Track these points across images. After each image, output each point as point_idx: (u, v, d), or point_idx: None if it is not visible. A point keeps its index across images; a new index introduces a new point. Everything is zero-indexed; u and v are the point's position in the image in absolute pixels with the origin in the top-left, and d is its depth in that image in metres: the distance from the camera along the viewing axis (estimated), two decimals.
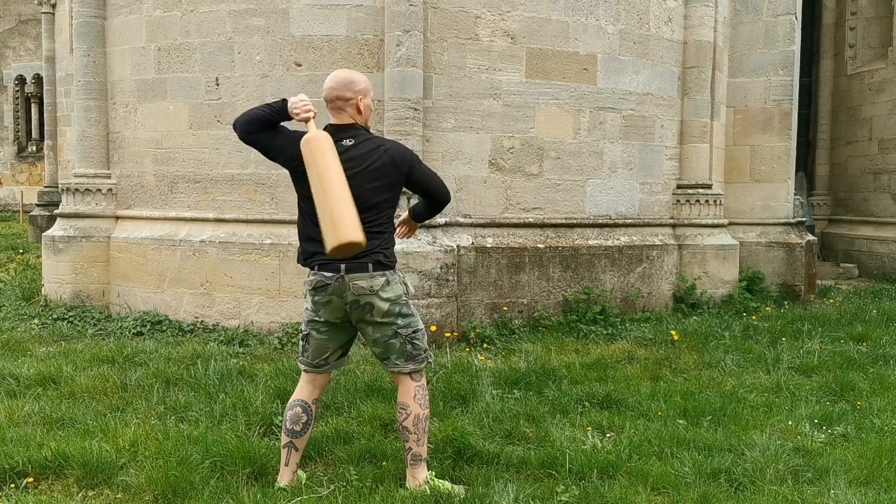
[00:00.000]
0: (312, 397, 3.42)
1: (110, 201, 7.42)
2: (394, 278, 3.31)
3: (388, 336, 3.31)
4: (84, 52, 7.39)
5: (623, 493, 3.34)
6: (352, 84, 3.31)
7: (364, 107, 3.34)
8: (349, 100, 3.30)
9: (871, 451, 3.82)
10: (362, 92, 3.33)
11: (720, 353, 5.88)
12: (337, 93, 3.30)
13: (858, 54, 11.87)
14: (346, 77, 3.34)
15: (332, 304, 3.28)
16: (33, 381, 4.88)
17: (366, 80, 3.40)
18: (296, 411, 3.38)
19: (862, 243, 11.64)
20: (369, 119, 3.42)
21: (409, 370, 3.34)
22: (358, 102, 3.32)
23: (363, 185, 3.25)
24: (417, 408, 3.33)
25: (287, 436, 3.38)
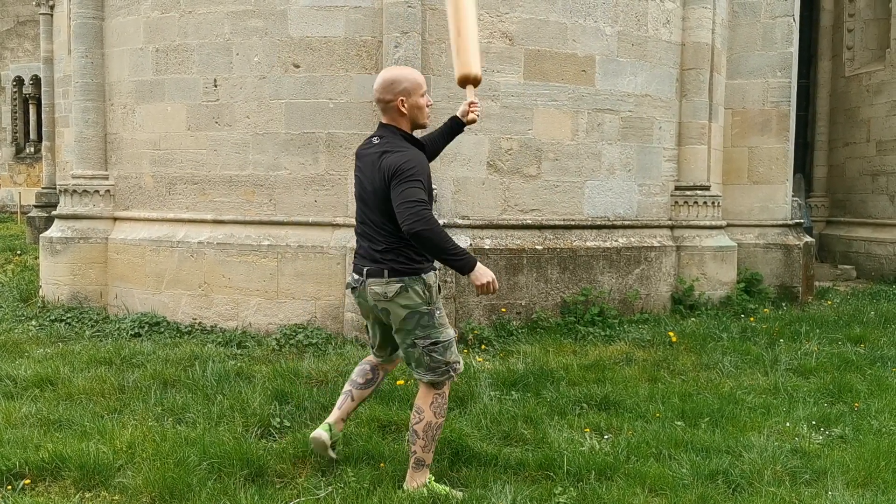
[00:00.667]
0: (382, 366, 3.67)
1: (108, 202, 7.42)
2: (414, 285, 3.22)
3: (407, 344, 3.30)
4: (82, 54, 7.39)
5: (621, 494, 3.34)
6: (392, 85, 3.26)
7: (409, 107, 3.27)
8: (389, 102, 3.28)
9: (869, 453, 3.82)
10: (405, 92, 3.26)
11: (718, 355, 5.88)
12: (378, 95, 3.31)
13: (856, 56, 11.88)
14: (387, 77, 3.30)
15: (362, 305, 3.40)
16: (31, 382, 4.87)
17: (412, 77, 3.31)
18: (364, 367, 3.66)
19: (860, 245, 11.64)
20: (419, 117, 3.33)
21: (426, 380, 3.31)
22: (399, 105, 3.26)
23: (367, 187, 3.26)
24: (432, 415, 3.31)
25: (349, 385, 3.64)
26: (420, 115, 3.33)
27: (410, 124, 3.34)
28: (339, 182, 6.56)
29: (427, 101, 3.36)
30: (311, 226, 6.60)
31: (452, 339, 3.34)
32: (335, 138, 6.54)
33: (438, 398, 3.32)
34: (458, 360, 3.36)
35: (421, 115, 3.33)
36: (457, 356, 3.35)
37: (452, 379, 3.36)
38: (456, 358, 3.34)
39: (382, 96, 3.28)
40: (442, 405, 3.34)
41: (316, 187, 6.59)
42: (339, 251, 6.46)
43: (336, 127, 6.53)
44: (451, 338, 3.33)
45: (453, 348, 3.33)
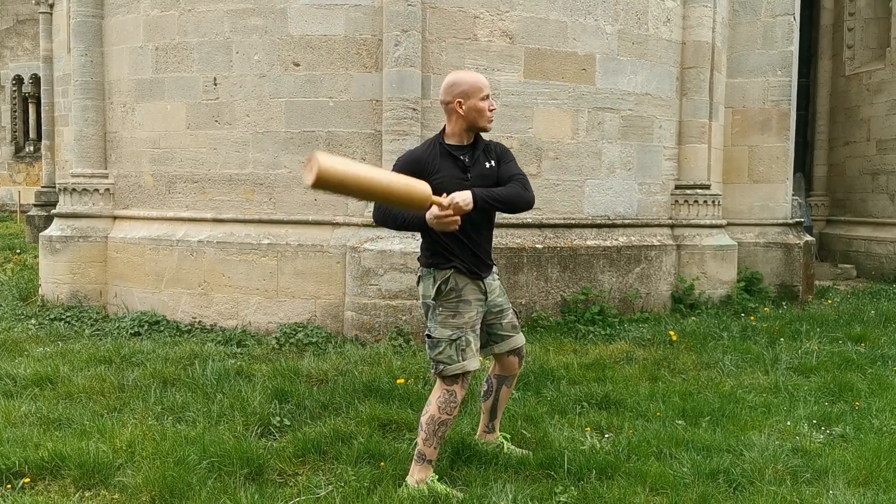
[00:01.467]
0: (495, 373, 3.78)
1: (108, 201, 7.41)
2: (428, 277, 3.38)
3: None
4: (82, 52, 7.38)
5: (622, 493, 3.33)
6: (452, 86, 3.30)
7: (467, 109, 3.28)
8: (448, 103, 3.32)
9: (870, 452, 3.82)
10: (463, 94, 3.27)
11: (719, 354, 5.87)
12: (440, 97, 3.38)
13: (856, 55, 11.88)
14: (449, 79, 3.34)
15: None
16: (30, 381, 4.87)
17: (472, 80, 3.31)
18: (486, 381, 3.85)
19: (860, 244, 11.64)
20: (479, 120, 3.32)
21: (432, 371, 3.43)
22: (456, 106, 3.29)
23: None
24: (436, 410, 3.34)
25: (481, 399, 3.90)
26: (479, 118, 3.32)
27: (467, 126, 3.34)
28: None
29: (490, 105, 3.34)
30: (310, 224, 6.60)
31: (445, 340, 3.30)
32: (335, 137, 6.53)
33: (445, 394, 3.34)
34: (447, 362, 3.31)
35: (480, 118, 3.32)
36: (447, 357, 3.31)
37: (441, 375, 3.33)
38: (444, 359, 3.31)
39: (442, 98, 3.35)
40: (448, 402, 3.33)
41: None
42: (338, 250, 6.45)
43: (336, 126, 6.52)
44: (444, 338, 3.31)
45: (442, 348, 3.30)
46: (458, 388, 3.35)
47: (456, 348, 3.31)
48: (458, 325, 3.33)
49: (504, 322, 3.59)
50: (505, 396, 3.83)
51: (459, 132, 3.36)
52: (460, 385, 3.36)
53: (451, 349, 3.32)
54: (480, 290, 3.41)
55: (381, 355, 5.61)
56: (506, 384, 3.79)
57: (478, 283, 3.40)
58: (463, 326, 3.33)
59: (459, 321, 3.33)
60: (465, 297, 3.35)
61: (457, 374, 3.33)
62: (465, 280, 3.35)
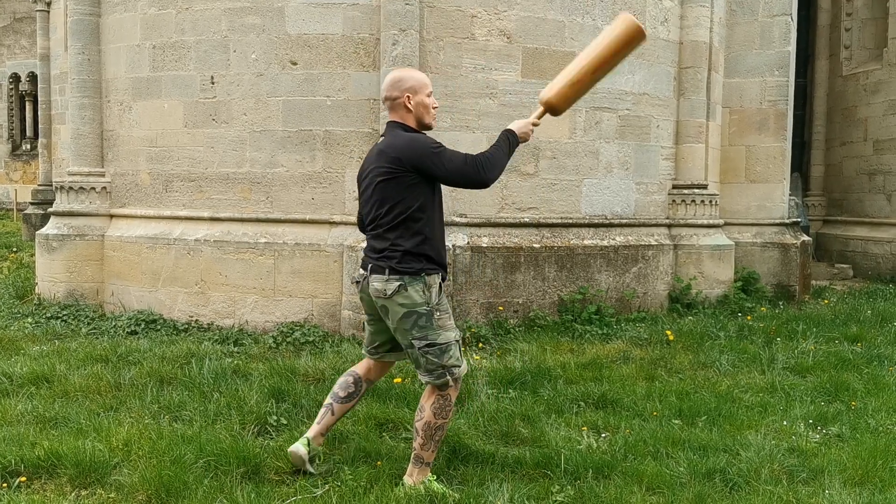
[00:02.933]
0: (367, 377, 3.61)
1: (104, 200, 7.40)
2: (414, 284, 3.21)
3: (405, 343, 3.30)
4: (79, 50, 7.36)
5: (618, 493, 3.33)
6: (399, 83, 3.32)
7: (415, 104, 3.31)
8: (396, 98, 3.31)
9: (866, 452, 3.82)
10: (411, 90, 3.30)
11: (715, 354, 5.88)
12: (385, 93, 3.36)
13: (854, 55, 11.89)
14: (395, 76, 3.36)
15: (365, 300, 3.41)
16: (26, 379, 4.86)
17: (418, 77, 3.36)
18: (346, 379, 3.58)
19: (857, 244, 11.66)
20: (425, 116, 3.35)
21: (425, 381, 3.30)
22: (405, 101, 3.30)
23: (374, 183, 3.26)
24: (431, 415, 3.27)
25: (330, 398, 3.57)
26: (426, 113, 3.35)
27: (417, 122, 3.35)
28: (336, 180, 6.55)
29: (433, 103, 3.37)
30: (308, 223, 6.59)
31: (452, 342, 3.26)
32: (333, 136, 6.53)
33: (440, 399, 3.28)
34: (458, 364, 3.27)
35: (427, 114, 3.36)
36: (457, 360, 3.27)
37: (449, 382, 3.26)
38: (455, 362, 3.26)
39: (390, 94, 3.33)
40: (443, 407, 3.29)
41: (313, 185, 6.57)
42: (336, 249, 6.45)
43: (333, 124, 6.52)
44: (451, 341, 3.26)
45: (452, 351, 3.25)
46: (454, 391, 3.32)
47: (459, 349, 3.30)
48: (453, 325, 3.34)
49: None
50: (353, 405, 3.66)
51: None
52: (455, 387, 3.32)
53: (456, 350, 3.29)
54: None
55: None
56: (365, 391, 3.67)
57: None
58: (455, 326, 3.35)
59: (452, 321, 3.36)
60: (444, 296, 3.36)
61: (446, 379, 3.26)
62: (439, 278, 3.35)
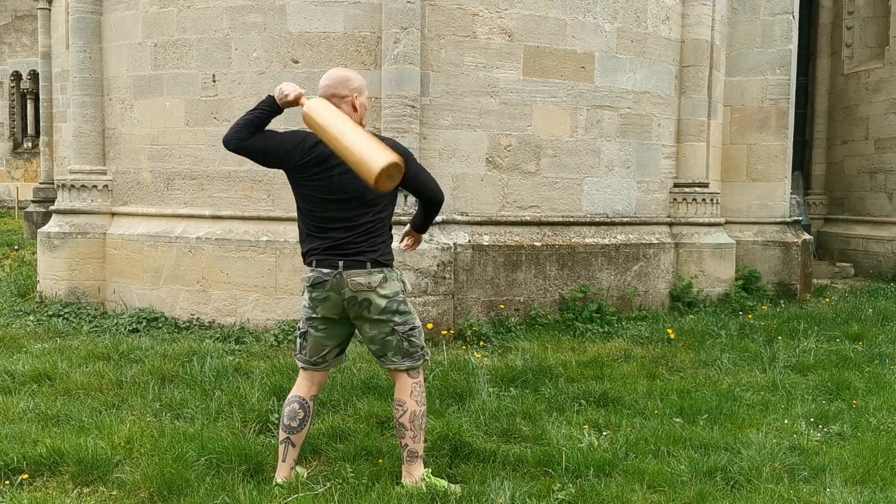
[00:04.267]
0: (310, 394, 3.44)
1: (106, 198, 7.40)
2: (392, 275, 3.33)
3: (385, 333, 3.32)
4: (80, 48, 7.37)
5: (619, 491, 3.34)
6: (347, 82, 3.32)
7: (360, 104, 3.34)
8: (345, 97, 3.30)
9: (867, 450, 3.82)
10: (358, 90, 3.33)
11: (716, 352, 5.88)
12: (333, 90, 3.30)
13: (855, 54, 11.88)
14: (341, 75, 3.35)
15: (330, 300, 3.29)
16: (28, 377, 4.86)
17: (361, 78, 3.41)
18: (293, 408, 3.39)
19: (858, 242, 11.65)
20: (365, 117, 3.42)
21: (405, 367, 3.36)
22: (354, 100, 3.31)
23: (354, 181, 3.24)
24: (414, 405, 3.34)
25: (284, 432, 3.38)
26: (365, 114, 3.43)
27: (359, 121, 3.35)
28: None
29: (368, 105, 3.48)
30: None
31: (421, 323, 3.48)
32: None
33: (417, 387, 3.39)
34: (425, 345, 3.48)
35: (365, 114, 3.43)
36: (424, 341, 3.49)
37: (426, 363, 3.48)
38: (424, 343, 3.46)
39: (338, 91, 3.30)
40: (421, 393, 3.40)
41: None
42: None
43: None
44: (421, 323, 3.48)
45: (421, 332, 3.44)
46: (422, 376, 3.47)
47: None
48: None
49: None
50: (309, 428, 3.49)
51: None
52: (422, 372, 3.49)
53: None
54: None
55: None
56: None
57: None
58: None
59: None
60: None
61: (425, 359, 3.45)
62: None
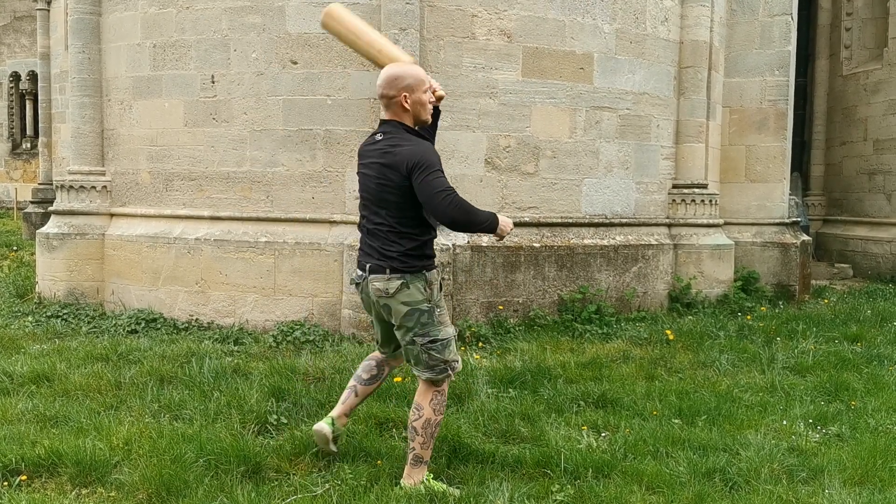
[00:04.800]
0: (388, 362, 3.69)
1: (105, 198, 7.40)
2: (416, 283, 3.25)
3: (406, 341, 3.31)
4: (79, 49, 7.36)
5: (618, 492, 3.34)
6: (396, 81, 3.27)
7: (412, 102, 3.27)
8: (393, 97, 3.27)
9: (866, 451, 3.83)
10: (408, 88, 3.26)
11: (715, 353, 5.88)
12: (381, 90, 3.31)
13: (854, 55, 11.89)
14: (391, 73, 3.30)
15: (365, 301, 3.43)
16: (27, 378, 4.86)
17: (416, 74, 3.31)
18: (369, 363, 3.68)
19: (856, 244, 11.66)
20: (422, 114, 3.33)
21: (425, 377, 3.32)
22: (402, 100, 3.26)
23: (372, 181, 3.26)
24: (431, 412, 3.32)
25: (353, 380, 3.68)
26: (423, 111, 3.33)
27: (413, 120, 3.33)
28: (336, 179, 6.55)
29: (430, 98, 3.35)
30: (308, 223, 6.59)
31: (451, 337, 3.33)
32: (333, 135, 6.53)
33: (437, 395, 3.33)
34: (457, 359, 3.36)
35: (424, 111, 3.33)
36: (455, 355, 3.35)
37: (451, 377, 3.36)
38: (454, 357, 3.34)
39: (386, 92, 3.28)
40: (441, 402, 3.35)
41: (313, 184, 6.58)
42: (336, 248, 6.45)
43: (334, 124, 6.52)
44: (451, 336, 3.33)
45: (452, 346, 3.33)
46: (446, 386, 3.39)
47: (455, 343, 3.36)
48: (449, 320, 3.39)
49: None
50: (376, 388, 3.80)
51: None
52: (447, 382, 3.39)
53: (454, 345, 3.36)
54: None
55: None
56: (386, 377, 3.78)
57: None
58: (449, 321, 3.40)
59: (448, 316, 3.40)
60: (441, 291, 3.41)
61: (448, 374, 3.34)
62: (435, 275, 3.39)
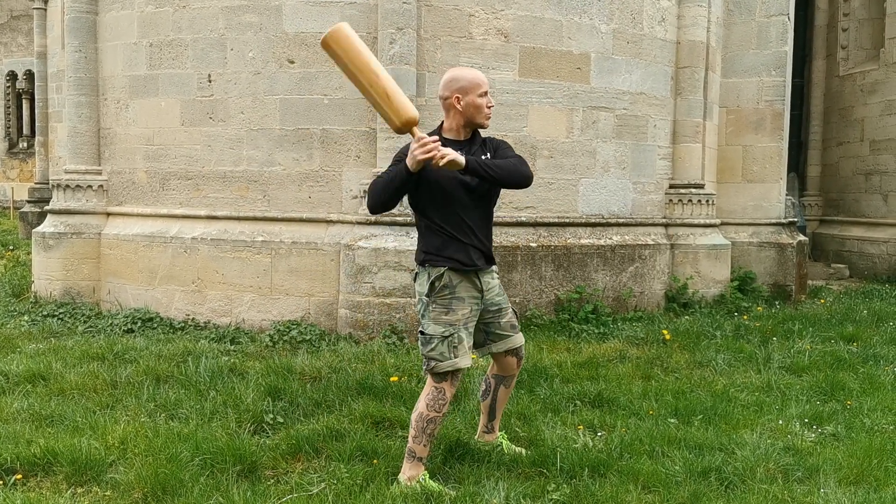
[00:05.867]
0: (493, 373, 3.77)
1: (101, 198, 7.39)
2: (422, 275, 3.39)
3: None
4: (75, 48, 7.35)
5: (614, 491, 3.34)
6: (450, 82, 3.34)
7: (465, 105, 3.31)
8: (446, 98, 3.35)
9: (861, 451, 3.83)
10: (461, 90, 3.30)
11: (711, 353, 5.89)
12: (439, 92, 3.40)
13: (850, 55, 11.91)
14: (449, 76, 3.37)
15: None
16: (22, 377, 4.85)
17: (472, 76, 3.34)
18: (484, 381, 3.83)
19: (853, 244, 11.68)
20: (477, 116, 3.35)
21: (424, 367, 3.41)
22: (454, 102, 3.31)
23: None
24: (423, 406, 3.35)
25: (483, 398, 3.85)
26: (477, 113, 3.35)
27: (465, 122, 3.36)
28: (333, 178, 6.55)
29: (487, 102, 3.37)
30: (305, 222, 6.59)
31: (437, 336, 3.30)
32: (330, 134, 6.53)
33: (434, 391, 3.34)
34: (440, 360, 3.31)
35: (478, 114, 3.35)
36: (439, 354, 3.31)
37: (433, 372, 3.33)
38: (437, 356, 3.30)
39: (441, 93, 3.37)
40: (436, 399, 3.33)
41: (310, 183, 6.57)
42: (332, 247, 6.45)
43: (331, 123, 6.52)
44: (436, 335, 3.30)
45: (434, 345, 3.30)
46: (448, 386, 3.35)
47: (448, 345, 3.31)
48: (451, 321, 3.33)
49: (503, 321, 3.57)
50: (504, 397, 3.82)
51: (457, 128, 3.39)
52: (450, 382, 3.35)
53: (442, 346, 3.31)
54: (476, 288, 3.41)
55: (375, 353, 5.62)
56: (504, 384, 3.77)
57: (473, 280, 3.39)
58: (455, 323, 3.33)
59: (452, 318, 3.33)
60: (458, 294, 3.34)
61: (447, 372, 3.32)
62: (459, 277, 3.34)
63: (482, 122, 3.38)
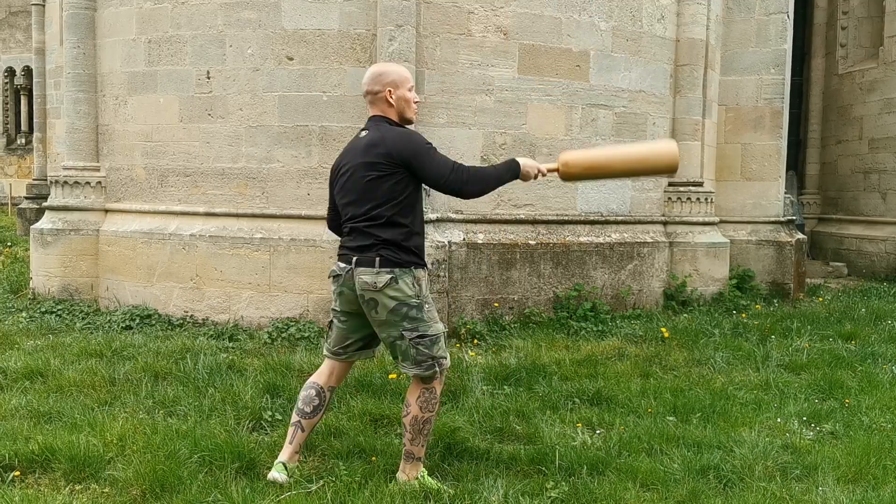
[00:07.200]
0: (328, 384, 3.47)
1: (99, 194, 7.37)
2: (405, 278, 3.21)
3: (393, 337, 3.25)
4: (74, 44, 7.34)
5: (612, 489, 3.34)
6: (380, 77, 3.31)
7: (396, 98, 3.30)
8: (377, 93, 3.31)
9: (860, 449, 3.84)
10: (392, 84, 3.29)
11: (710, 351, 5.89)
12: (366, 87, 3.35)
13: (849, 54, 11.92)
14: (376, 70, 3.36)
15: (345, 295, 3.33)
16: (20, 374, 4.85)
17: (399, 71, 3.36)
18: (309, 393, 3.44)
19: (851, 242, 11.69)
20: (406, 111, 3.34)
21: (413, 374, 3.27)
22: (387, 95, 3.29)
23: (360, 177, 3.24)
24: (417, 410, 3.28)
25: (296, 415, 3.43)
26: (407, 108, 3.35)
27: (398, 117, 3.34)
28: None
29: (414, 97, 3.37)
30: (303, 219, 6.58)
31: (441, 334, 3.29)
32: (328, 131, 6.52)
33: (426, 393, 3.29)
34: (445, 357, 3.31)
35: (408, 108, 3.35)
36: (444, 352, 3.30)
37: (437, 374, 3.28)
38: (443, 354, 3.29)
39: (371, 88, 3.32)
40: (429, 400, 3.30)
41: (309, 180, 6.56)
42: (331, 245, 6.43)
43: (329, 120, 6.51)
44: (440, 333, 3.29)
45: (441, 343, 3.28)
46: (438, 384, 3.34)
47: (444, 340, 3.33)
48: (437, 317, 3.35)
49: None
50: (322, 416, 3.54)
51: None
52: (439, 380, 3.34)
53: (444, 341, 3.32)
54: None
55: None
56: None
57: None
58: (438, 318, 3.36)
59: (435, 313, 3.35)
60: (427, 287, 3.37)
61: (436, 370, 3.28)
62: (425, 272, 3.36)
63: (411, 117, 3.38)
